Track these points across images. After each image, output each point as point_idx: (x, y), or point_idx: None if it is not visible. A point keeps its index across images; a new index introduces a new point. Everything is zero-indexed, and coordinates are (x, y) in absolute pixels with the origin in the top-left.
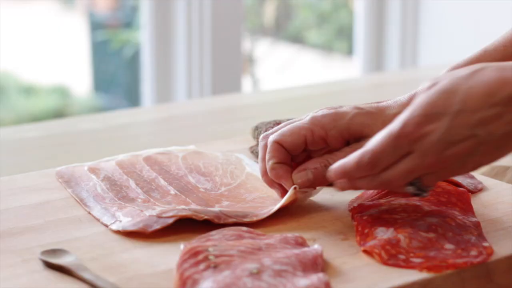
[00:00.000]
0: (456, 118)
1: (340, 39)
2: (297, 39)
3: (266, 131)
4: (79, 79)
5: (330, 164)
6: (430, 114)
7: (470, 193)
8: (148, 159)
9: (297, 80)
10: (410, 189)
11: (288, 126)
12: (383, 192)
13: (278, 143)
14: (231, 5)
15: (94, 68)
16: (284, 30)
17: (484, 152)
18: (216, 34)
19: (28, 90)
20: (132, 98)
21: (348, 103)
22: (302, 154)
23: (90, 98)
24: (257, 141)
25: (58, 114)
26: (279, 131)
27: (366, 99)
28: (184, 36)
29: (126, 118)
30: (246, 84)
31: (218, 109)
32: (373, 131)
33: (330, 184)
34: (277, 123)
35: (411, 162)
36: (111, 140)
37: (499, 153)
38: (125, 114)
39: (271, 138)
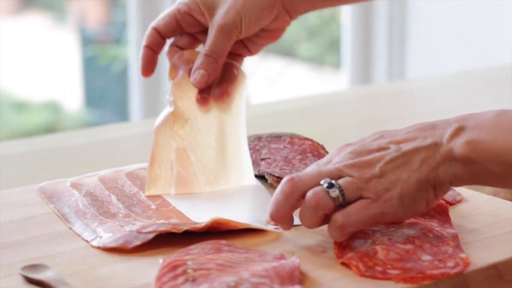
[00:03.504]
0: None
1: (331, 52)
2: (288, 52)
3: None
4: (70, 95)
5: None
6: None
7: (448, 205)
8: (130, 174)
9: (287, 94)
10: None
11: (164, 12)
12: None
13: (154, 29)
14: None
15: (85, 83)
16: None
17: (394, 165)
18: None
19: (21, 106)
20: (123, 113)
21: (335, 115)
22: (186, 37)
23: (81, 114)
24: None
25: (50, 129)
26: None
27: (354, 112)
28: None
29: (114, 133)
30: None
31: None
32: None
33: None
34: (258, 137)
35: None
36: (99, 155)
37: (408, 169)
38: (112, 129)
39: (150, 25)
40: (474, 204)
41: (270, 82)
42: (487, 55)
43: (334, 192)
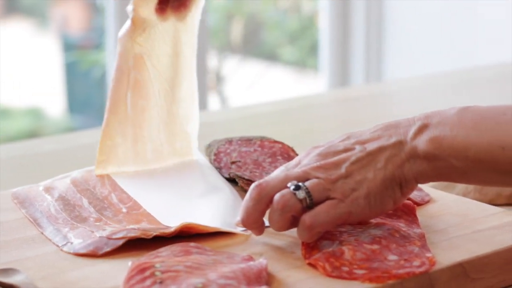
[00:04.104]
0: (344, 140)
1: (312, 56)
2: (270, 56)
3: (218, 149)
4: (53, 101)
5: None
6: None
7: (416, 205)
8: (101, 175)
9: (269, 97)
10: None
11: None
12: None
13: None
14: None
15: (68, 89)
16: (255, 47)
17: (360, 166)
18: None
19: (3, 112)
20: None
21: (314, 118)
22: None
23: (64, 119)
24: (210, 159)
25: (33, 135)
26: None
27: (332, 114)
28: None
29: (92, 138)
30: (214, 102)
31: None
32: None
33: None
34: (229, 141)
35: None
36: (76, 160)
37: (373, 168)
38: (90, 134)
39: None
40: (442, 204)
41: (251, 84)
42: (464, 57)
43: (301, 194)
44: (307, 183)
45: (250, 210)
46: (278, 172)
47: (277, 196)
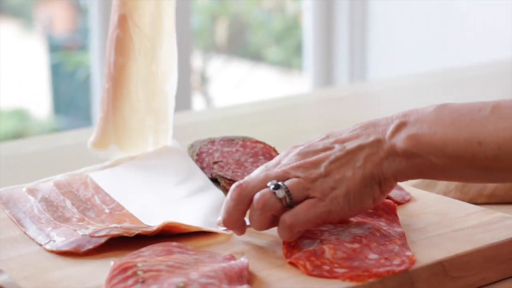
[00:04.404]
0: (324, 139)
1: (297, 56)
2: (255, 56)
3: (200, 149)
4: (38, 102)
5: None
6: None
7: (397, 204)
8: (84, 178)
9: (254, 98)
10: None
11: None
12: None
13: None
14: (180, 23)
15: (53, 90)
16: (240, 48)
17: (339, 165)
18: None
19: None
20: (90, 120)
21: (298, 118)
22: None
23: (49, 121)
24: (193, 159)
25: (18, 137)
26: None
27: (316, 114)
28: None
29: (75, 139)
30: (199, 102)
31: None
32: None
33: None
34: (211, 141)
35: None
36: (60, 161)
37: (352, 167)
38: (73, 135)
39: None
40: (423, 203)
41: (236, 85)
42: (448, 56)
43: (281, 193)
44: (286, 182)
45: (231, 210)
46: (258, 172)
47: (257, 196)
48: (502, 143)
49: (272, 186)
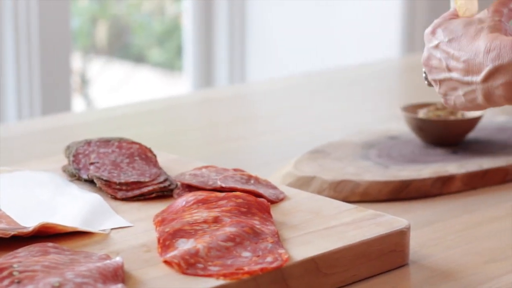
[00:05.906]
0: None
1: (180, 57)
2: (138, 58)
3: (77, 150)
4: None
5: None
6: None
7: (270, 203)
8: None
9: (136, 99)
10: None
11: None
12: (187, 205)
13: None
14: (58, 25)
15: None
16: (121, 50)
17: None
18: (45, 55)
19: None
20: None
21: (177, 119)
22: None
23: None
24: (69, 160)
25: None
26: None
27: (195, 115)
28: (12, 58)
29: None
30: (79, 104)
31: (47, 129)
32: None
33: None
34: (88, 142)
35: None
36: None
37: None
38: None
39: None
40: (296, 201)
41: (118, 86)
42: (324, 58)
43: None
44: None
45: None
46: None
47: None
48: None
49: None
